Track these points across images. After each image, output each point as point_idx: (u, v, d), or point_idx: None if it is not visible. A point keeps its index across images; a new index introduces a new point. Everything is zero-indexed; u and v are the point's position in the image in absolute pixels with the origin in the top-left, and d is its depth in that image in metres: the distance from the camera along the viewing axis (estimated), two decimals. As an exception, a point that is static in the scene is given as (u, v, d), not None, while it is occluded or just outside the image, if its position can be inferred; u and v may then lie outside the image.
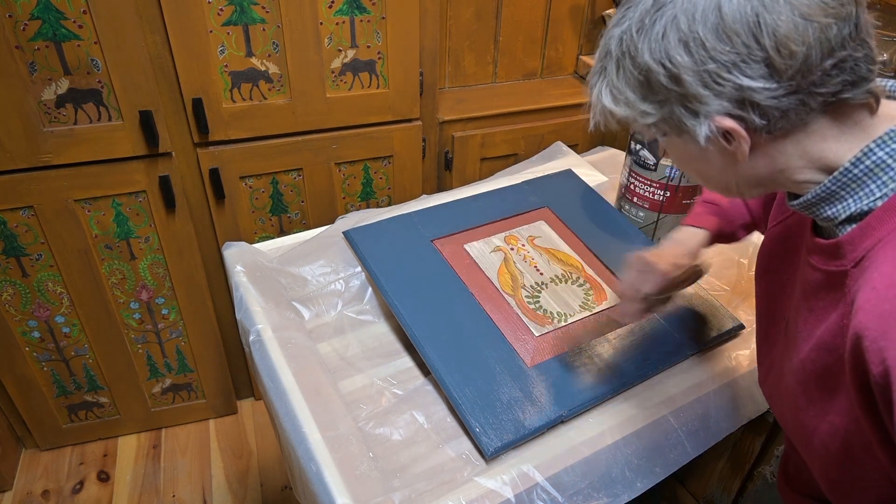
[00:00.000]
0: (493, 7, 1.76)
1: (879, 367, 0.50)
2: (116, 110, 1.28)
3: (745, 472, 1.20)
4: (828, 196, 0.58)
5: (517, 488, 0.78)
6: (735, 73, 0.52)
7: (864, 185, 0.56)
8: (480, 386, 0.87)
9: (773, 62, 0.51)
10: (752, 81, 0.52)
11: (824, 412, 0.61)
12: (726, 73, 0.52)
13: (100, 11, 1.16)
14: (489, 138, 1.74)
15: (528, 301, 1.01)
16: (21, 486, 1.65)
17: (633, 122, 0.60)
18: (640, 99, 0.57)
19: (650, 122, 0.58)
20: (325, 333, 1.01)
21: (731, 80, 0.52)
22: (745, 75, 0.52)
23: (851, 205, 0.57)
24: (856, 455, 0.59)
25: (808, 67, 0.51)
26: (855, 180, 0.56)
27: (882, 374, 0.50)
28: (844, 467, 0.61)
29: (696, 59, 0.52)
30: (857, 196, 0.56)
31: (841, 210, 0.57)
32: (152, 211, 1.42)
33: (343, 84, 1.43)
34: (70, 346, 1.56)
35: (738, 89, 0.52)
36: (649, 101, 0.57)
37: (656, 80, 0.55)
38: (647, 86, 0.56)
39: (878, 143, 0.55)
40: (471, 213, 1.16)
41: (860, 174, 0.55)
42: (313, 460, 0.77)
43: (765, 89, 0.52)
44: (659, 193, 1.17)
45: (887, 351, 0.49)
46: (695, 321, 1.01)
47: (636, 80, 0.57)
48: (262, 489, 1.68)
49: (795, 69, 0.51)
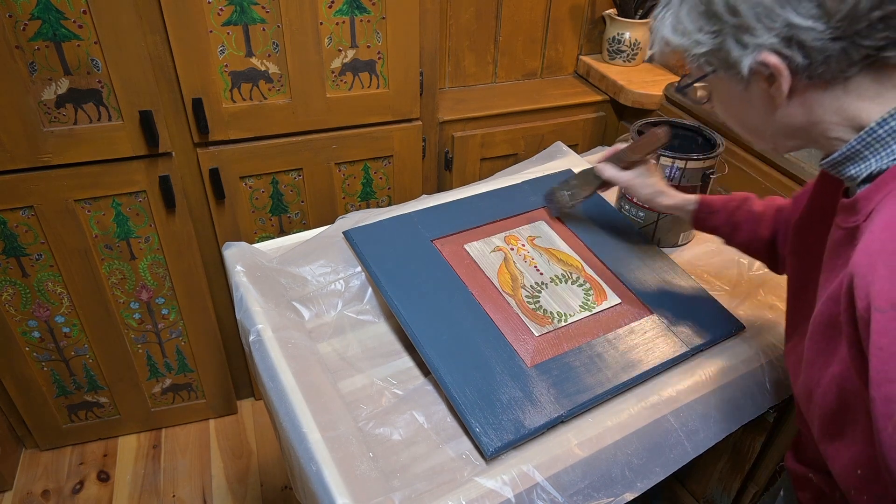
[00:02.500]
0: (493, 7, 1.76)
1: (864, 301, 0.52)
2: (116, 110, 1.28)
3: (746, 472, 1.20)
4: (853, 155, 0.60)
5: (517, 488, 0.78)
6: (788, 10, 0.55)
7: (886, 145, 0.58)
8: (480, 386, 0.87)
9: (825, 3, 0.53)
10: (802, 20, 0.54)
11: (827, 363, 0.62)
12: (780, 8, 0.55)
13: (100, 11, 1.16)
14: (489, 138, 1.74)
15: (528, 301, 1.01)
16: (21, 486, 1.65)
17: (685, 52, 0.63)
18: (697, 29, 0.61)
19: (702, 51, 0.61)
20: (325, 333, 1.01)
21: (782, 16, 0.55)
22: (796, 12, 0.55)
23: (872, 164, 0.59)
24: (848, 405, 0.60)
25: (857, 14, 0.53)
26: (878, 140, 0.58)
27: (865, 308, 0.52)
28: (837, 417, 0.62)
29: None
30: (879, 156, 0.58)
31: (863, 169, 0.60)
32: (152, 211, 1.42)
33: (343, 84, 1.43)
34: (70, 346, 1.56)
35: (788, 26, 0.55)
36: (705, 32, 0.60)
37: (716, 9, 0.58)
38: (706, 16, 0.60)
39: None
40: (471, 213, 1.16)
41: (884, 134, 0.58)
42: (313, 460, 0.77)
43: (812, 29, 0.54)
44: (659, 193, 1.17)
45: (872, 285, 0.51)
46: (695, 321, 1.01)
47: (696, 11, 0.60)
48: (262, 489, 1.68)
49: (844, 13, 0.53)
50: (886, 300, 0.50)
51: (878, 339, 0.51)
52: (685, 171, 1.15)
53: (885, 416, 0.51)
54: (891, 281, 0.51)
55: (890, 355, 0.50)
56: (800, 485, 0.85)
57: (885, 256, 0.52)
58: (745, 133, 0.69)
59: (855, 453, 0.60)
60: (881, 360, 0.51)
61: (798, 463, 0.85)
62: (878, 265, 0.52)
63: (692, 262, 1.20)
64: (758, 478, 1.20)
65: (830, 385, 0.62)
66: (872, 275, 0.52)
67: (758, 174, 1.44)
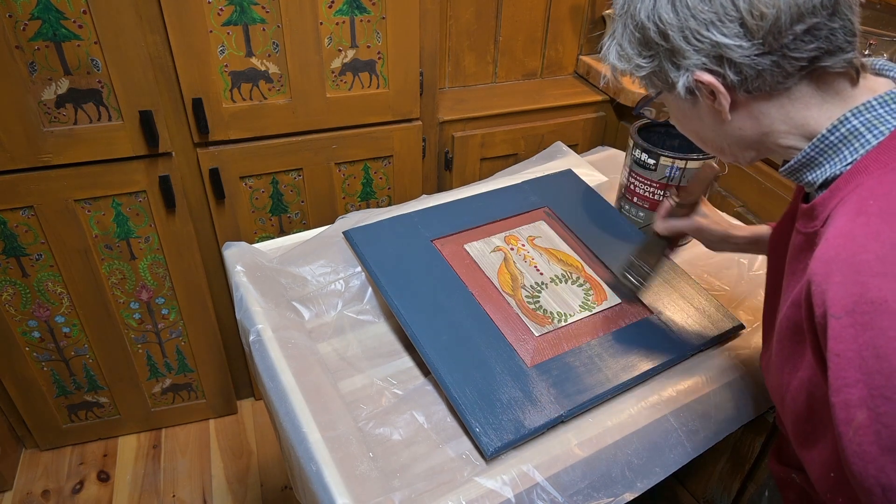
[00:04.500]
0: (493, 7, 1.76)
1: (821, 308, 0.53)
2: (116, 110, 1.28)
3: (746, 472, 1.20)
4: (808, 162, 0.62)
5: (517, 488, 0.78)
6: (712, 31, 0.58)
7: (838, 151, 0.60)
8: (480, 386, 0.87)
9: (746, 22, 0.56)
10: (727, 39, 0.58)
11: (795, 368, 0.63)
12: (705, 30, 0.58)
13: (100, 11, 1.16)
14: (489, 138, 1.74)
15: (528, 301, 1.01)
16: (21, 486, 1.65)
17: (630, 76, 0.68)
18: (637, 54, 0.65)
19: (643, 74, 0.65)
20: (325, 333, 1.01)
21: (708, 38, 0.58)
22: (721, 33, 0.58)
23: (827, 170, 0.61)
24: (817, 410, 0.61)
25: (779, 30, 0.56)
26: (831, 147, 0.60)
27: (822, 315, 0.53)
28: (808, 422, 0.63)
29: (680, 17, 0.59)
30: (833, 162, 0.60)
31: (819, 175, 0.62)
32: (152, 211, 1.42)
33: (343, 84, 1.43)
34: (70, 346, 1.56)
35: (715, 46, 0.58)
36: (643, 56, 0.64)
37: (649, 36, 0.62)
38: (642, 42, 0.63)
39: (853, 112, 0.59)
40: (471, 213, 1.16)
41: (836, 141, 0.59)
42: (313, 460, 0.77)
43: (738, 47, 0.57)
44: (659, 193, 1.17)
45: (827, 292, 0.52)
46: (695, 321, 1.01)
47: (635, 38, 0.64)
48: (262, 489, 1.68)
49: (766, 30, 0.56)
50: (841, 307, 0.51)
51: (834, 346, 0.52)
52: (685, 170, 1.15)
53: (844, 422, 0.52)
54: (845, 287, 0.51)
55: (846, 361, 0.51)
56: (784, 485, 0.85)
57: (839, 264, 0.52)
58: (706, 147, 0.71)
59: (826, 457, 0.61)
60: (838, 366, 0.51)
61: (780, 464, 0.86)
62: (833, 272, 0.52)
63: (692, 262, 1.20)
64: (758, 478, 1.20)
65: (800, 390, 0.62)
66: (827, 282, 0.53)
67: (758, 174, 1.44)
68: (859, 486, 0.52)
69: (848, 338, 0.51)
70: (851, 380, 0.51)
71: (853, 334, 0.50)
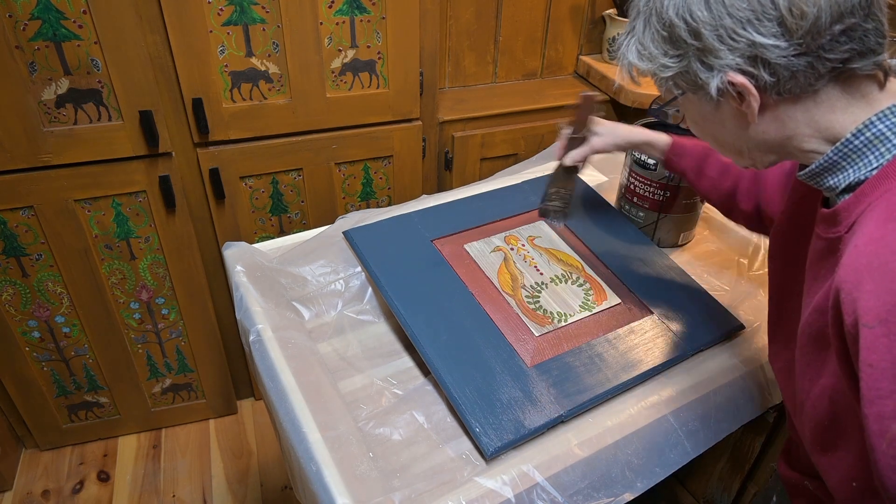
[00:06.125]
0: (493, 7, 1.76)
1: (851, 316, 0.52)
2: (116, 110, 1.28)
3: (746, 472, 1.20)
4: (830, 166, 0.60)
5: (517, 488, 0.78)
6: (749, 30, 0.55)
7: (863, 155, 0.58)
8: (480, 386, 0.87)
9: (786, 21, 0.54)
10: (764, 38, 0.55)
11: (818, 375, 0.62)
12: (741, 28, 0.55)
13: (100, 11, 1.16)
14: (489, 138, 1.74)
15: (528, 301, 1.01)
16: (21, 486, 1.65)
17: (653, 77, 0.64)
18: (662, 53, 0.61)
19: (668, 74, 0.62)
20: (325, 333, 1.01)
21: (745, 37, 0.55)
22: (758, 32, 0.55)
23: (851, 174, 0.59)
24: (840, 417, 0.60)
25: (818, 30, 0.54)
26: (855, 151, 0.58)
27: (853, 324, 0.52)
28: (829, 430, 0.62)
29: (714, 14, 0.56)
30: (857, 166, 0.58)
31: (841, 180, 0.60)
32: (152, 211, 1.42)
33: (343, 84, 1.43)
34: (70, 346, 1.56)
35: (752, 46, 0.55)
36: (670, 56, 0.61)
37: (678, 34, 0.59)
38: (669, 40, 0.60)
39: (879, 116, 0.57)
40: (471, 213, 1.16)
41: (860, 145, 0.58)
42: (313, 460, 0.77)
43: (776, 47, 0.55)
44: (659, 193, 1.17)
45: (859, 301, 0.51)
46: (695, 321, 1.01)
47: (660, 36, 0.60)
48: (262, 489, 1.68)
49: (805, 30, 0.54)
50: (874, 316, 0.50)
51: (867, 356, 0.51)
52: (685, 171, 1.14)
53: (878, 434, 0.51)
54: (877, 296, 0.50)
55: (880, 372, 0.50)
56: (794, 492, 0.85)
57: (871, 272, 0.51)
58: (722, 150, 0.69)
59: (849, 465, 0.60)
60: (872, 377, 0.50)
61: (791, 470, 0.85)
62: (865, 281, 0.51)
63: (692, 262, 1.20)
64: (757, 478, 1.20)
65: (821, 397, 0.61)
66: (859, 291, 0.51)
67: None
68: (892, 499, 0.51)
69: (881, 348, 0.49)
70: (886, 391, 0.50)
71: (887, 344, 0.49)
